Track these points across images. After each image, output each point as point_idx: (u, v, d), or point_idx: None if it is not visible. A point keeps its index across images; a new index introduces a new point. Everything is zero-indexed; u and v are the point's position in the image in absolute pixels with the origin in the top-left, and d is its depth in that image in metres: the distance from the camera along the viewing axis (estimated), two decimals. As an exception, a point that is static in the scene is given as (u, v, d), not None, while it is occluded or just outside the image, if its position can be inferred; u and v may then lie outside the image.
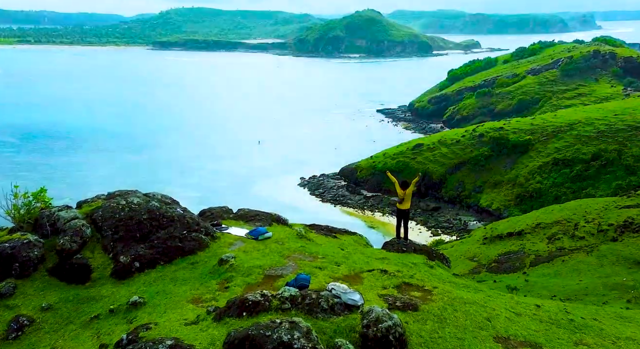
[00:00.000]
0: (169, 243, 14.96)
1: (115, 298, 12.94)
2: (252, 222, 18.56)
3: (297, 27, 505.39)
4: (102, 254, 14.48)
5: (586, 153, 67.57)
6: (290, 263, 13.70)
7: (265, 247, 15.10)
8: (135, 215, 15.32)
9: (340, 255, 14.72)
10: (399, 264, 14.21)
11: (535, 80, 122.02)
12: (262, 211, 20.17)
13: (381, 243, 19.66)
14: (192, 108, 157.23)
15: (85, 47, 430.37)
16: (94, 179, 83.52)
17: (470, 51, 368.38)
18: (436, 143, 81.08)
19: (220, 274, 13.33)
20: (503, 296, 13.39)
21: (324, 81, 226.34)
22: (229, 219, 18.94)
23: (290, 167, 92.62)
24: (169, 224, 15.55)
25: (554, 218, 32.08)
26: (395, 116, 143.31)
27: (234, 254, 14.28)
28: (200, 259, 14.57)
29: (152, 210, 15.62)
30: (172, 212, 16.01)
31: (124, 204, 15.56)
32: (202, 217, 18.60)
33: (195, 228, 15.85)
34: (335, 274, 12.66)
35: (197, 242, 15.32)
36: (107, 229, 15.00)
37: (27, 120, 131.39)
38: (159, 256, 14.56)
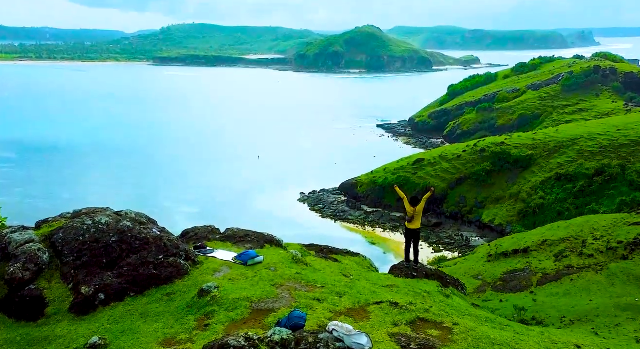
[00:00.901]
0: (142, 270, 12.96)
1: (72, 338, 10.93)
2: (242, 244, 16.53)
3: (297, 43, 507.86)
4: (61, 285, 12.42)
5: (589, 168, 66.73)
6: (284, 293, 11.91)
7: (254, 275, 13.20)
8: (102, 237, 13.27)
9: (342, 283, 12.87)
10: (410, 293, 12.82)
11: (536, 95, 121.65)
12: (253, 231, 17.99)
13: (385, 262, 18.62)
14: (191, 123, 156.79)
15: (85, 62, 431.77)
16: (90, 195, 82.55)
17: (470, 67, 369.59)
18: (437, 158, 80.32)
19: (200, 308, 11.43)
20: (533, 331, 12.05)
21: (324, 96, 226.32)
22: (215, 240, 16.81)
23: (290, 182, 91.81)
24: (142, 247, 13.54)
25: (561, 235, 31.18)
26: (395, 130, 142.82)
27: (217, 283, 12.37)
28: (178, 289, 12.64)
29: (123, 231, 13.60)
30: (147, 234, 13.98)
31: (90, 225, 13.48)
32: (184, 238, 16.85)
33: (174, 252, 13.82)
34: (336, 308, 11.14)
35: (175, 268, 13.30)
36: (69, 254, 12.87)
37: (24, 135, 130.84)
38: (128, 285, 12.55)
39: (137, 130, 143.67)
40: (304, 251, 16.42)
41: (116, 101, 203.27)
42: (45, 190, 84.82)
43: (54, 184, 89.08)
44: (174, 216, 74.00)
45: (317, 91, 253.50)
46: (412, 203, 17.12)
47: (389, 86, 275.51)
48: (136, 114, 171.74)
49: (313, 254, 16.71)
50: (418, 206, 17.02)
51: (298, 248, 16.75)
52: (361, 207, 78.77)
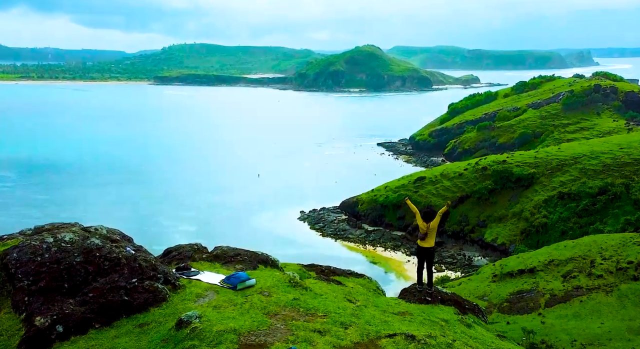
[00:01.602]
0: (111, 296, 11.07)
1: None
2: (232, 265, 14.63)
3: (297, 62, 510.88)
4: (11, 315, 10.67)
5: (592, 187, 65.94)
6: (279, 324, 10.21)
7: (244, 301, 11.53)
8: (64, 257, 11.29)
9: (347, 311, 11.23)
10: (426, 322, 11.38)
11: (537, 114, 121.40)
12: (244, 250, 15.87)
13: (386, 282, 17.55)
14: (191, 141, 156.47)
15: (87, 82, 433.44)
16: (88, 213, 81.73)
17: (470, 86, 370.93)
18: (438, 176, 79.63)
19: (177, 343, 9.77)
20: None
21: (325, 115, 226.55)
22: (201, 260, 14.91)
23: (290, 200, 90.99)
24: (112, 269, 11.72)
25: (568, 255, 30.33)
26: (396, 149, 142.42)
27: (200, 311, 10.64)
28: (154, 318, 10.84)
29: (90, 250, 11.72)
30: (119, 253, 12.12)
31: (51, 243, 11.56)
32: (166, 258, 15.11)
33: (150, 274, 11.95)
34: (341, 343, 9.65)
35: (151, 294, 11.45)
36: (23, 278, 11.03)
37: (23, 154, 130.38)
38: (93, 315, 10.65)
39: (136, 149, 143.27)
40: (302, 272, 14.85)
41: (115, 120, 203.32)
42: (42, 209, 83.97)
43: (52, 203, 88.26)
44: (172, 235, 73.10)
45: (317, 110, 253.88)
46: (426, 218, 15.26)
47: (389, 105, 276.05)
48: (135, 133, 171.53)
49: (313, 275, 15.15)
50: (432, 221, 15.19)
51: (296, 269, 15.12)
52: (362, 226, 77.88)
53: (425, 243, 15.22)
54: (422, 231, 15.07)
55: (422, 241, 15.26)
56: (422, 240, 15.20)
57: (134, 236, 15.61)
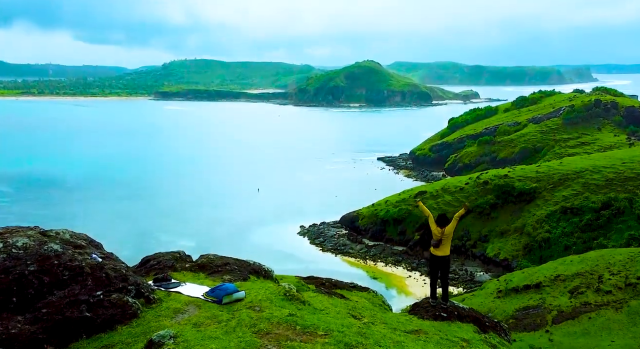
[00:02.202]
0: (69, 312, 9.30)
1: None
2: (219, 275, 12.86)
3: (298, 78, 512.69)
4: None
5: (595, 202, 65.30)
6: (271, 345, 8.64)
7: (231, 317, 9.84)
8: (15, 266, 9.61)
9: (353, 329, 9.75)
10: (444, 342, 10.08)
11: (537, 128, 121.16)
12: (234, 258, 14.09)
13: (387, 298, 16.64)
14: (190, 156, 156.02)
15: (87, 98, 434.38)
16: (87, 229, 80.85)
17: (469, 101, 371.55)
18: (439, 191, 79.02)
19: None
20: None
21: (325, 130, 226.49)
22: (184, 270, 13.11)
23: (289, 215, 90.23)
24: (73, 279, 9.94)
25: (574, 270, 29.63)
26: (396, 163, 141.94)
27: (176, 329, 8.94)
28: (121, 339, 9.09)
29: (48, 257, 10.04)
30: (83, 261, 10.32)
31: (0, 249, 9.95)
32: (143, 268, 13.27)
33: (119, 286, 10.20)
34: None
35: (120, 309, 9.70)
36: None
37: (21, 169, 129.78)
38: (46, 335, 8.88)
39: (135, 164, 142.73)
40: (301, 285, 13.45)
41: (115, 135, 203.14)
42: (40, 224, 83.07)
43: (49, 219, 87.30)
44: (171, 250, 72.20)
45: (317, 125, 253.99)
46: (440, 223, 13.78)
47: (389, 120, 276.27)
48: (135, 148, 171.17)
49: (312, 288, 13.50)
50: (447, 226, 13.67)
51: (294, 282, 13.59)
52: (362, 241, 77.07)
53: (439, 251, 13.75)
54: (435, 238, 13.68)
55: (435, 249, 13.77)
56: (435, 248, 13.73)
57: (132, 252, 14.24)
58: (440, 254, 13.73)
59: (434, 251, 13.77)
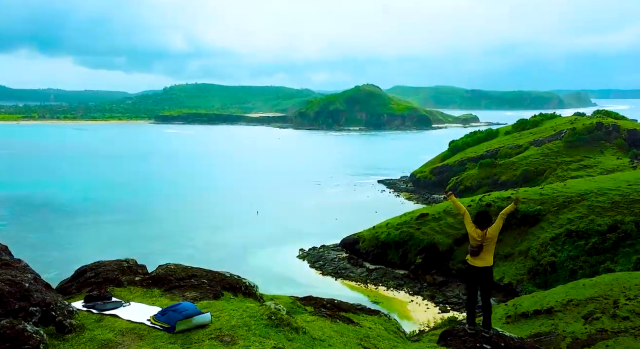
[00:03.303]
0: None
1: None
2: (180, 292, 9.64)
3: (298, 101, 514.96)
4: None
5: (601, 225, 63.83)
6: None
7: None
8: None
9: None
10: None
11: (539, 151, 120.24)
12: (204, 269, 11.04)
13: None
14: (189, 179, 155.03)
15: (88, 122, 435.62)
16: (82, 252, 79.41)
17: (469, 125, 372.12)
18: (442, 213, 77.57)
19: None
20: None
21: (325, 153, 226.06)
22: (132, 284, 9.96)
23: (289, 238, 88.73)
24: None
25: (587, 294, 28.19)
26: (397, 186, 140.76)
27: None
28: None
29: None
30: None
31: None
32: (74, 282, 10.16)
33: (15, 307, 7.00)
34: None
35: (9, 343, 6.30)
36: None
37: (18, 193, 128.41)
38: None
39: (133, 187, 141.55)
40: (295, 306, 10.55)
41: (112, 158, 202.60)
42: (34, 248, 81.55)
43: (45, 242, 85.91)
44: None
45: (317, 148, 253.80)
46: (480, 223, 10.85)
47: (389, 143, 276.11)
48: (133, 171, 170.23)
49: (310, 310, 10.41)
50: (490, 227, 10.79)
51: (287, 302, 10.60)
52: (363, 264, 75.44)
53: (479, 261, 10.67)
54: (473, 243, 10.71)
55: (474, 258, 10.74)
56: (474, 256, 10.71)
57: None
58: (480, 265, 10.74)
59: (472, 260, 10.85)
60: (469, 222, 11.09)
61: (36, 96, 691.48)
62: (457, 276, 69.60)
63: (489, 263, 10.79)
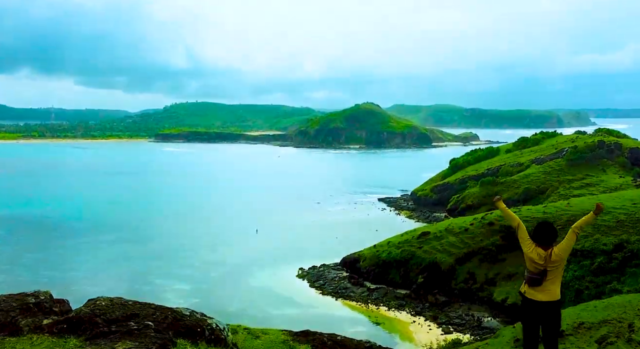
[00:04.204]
0: None
1: None
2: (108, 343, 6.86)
3: (298, 120, 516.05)
4: None
5: (607, 244, 62.62)
6: None
7: None
8: None
9: None
10: None
11: (541, 169, 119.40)
12: (153, 306, 8.02)
13: (393, 345, 13.49)
14: (188, 197, 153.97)
15: (87, 140, 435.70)
16: (78, 272, 78.22)
17: (469, 143, 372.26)
18: (443, 231, 76.42)
19: None
20: None
21: (325, 171, 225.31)
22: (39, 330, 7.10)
23: (288, 257, 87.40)
24: None
25: (600, 317, 26.93)
26: (397, 204, 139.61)
27: None
28: None
29: None
30: None
31: None
32: None
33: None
34: None
35: None
36: None
37: (14, 211, 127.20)
38: None
39: (130, 205, 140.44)
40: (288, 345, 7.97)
41: (111, 177, 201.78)
42: (30, 268, 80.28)
43: (41, 261, 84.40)
44: (165, 294, 69.28)
45: (317, 166, 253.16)
46: (542, 239, 8.14)
47: (389, 161, 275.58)
48: (131, 189, 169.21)
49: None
50: (557, 246, 8.12)
51: (279, 339, 8.02)
52: (364, 284, 74.01)
53: (541, 293, 8.06)
54: (533, 268, 8.03)
55: (533, 289, 8.12)
56: (533, 286, 8.09)
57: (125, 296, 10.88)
58: (543, 299, 8.07)
59: (530, 292, 8.15)
60: (526, 239, 8.38)
61: (37, 115, 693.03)
62: (460, 296, 68.28)
63: (555, 296, 8.17)
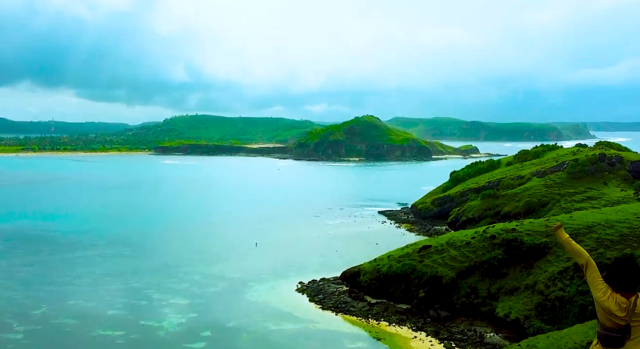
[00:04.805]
0: None
1: None
2: None
3: (298, 132, 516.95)
4: None
5: (610, 258, 61.70)
6: None
7: None
8: None
9: None
10: None
11: (542, 182, 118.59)
12: None
13: None
14: (187, 210, 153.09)
15: (87, 153, 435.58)
16: (75, 286, 77.12)
17: (469, 156, 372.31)
18: (445, 245, 75.50)
19: None
20: None
21: (325, 184, 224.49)
22: None
23: (288, 271, 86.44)
24: None
25: (608, 334, 26.36)
26: (397, 217, 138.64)
27: None
28: None
29: None
30: None
31: None
32: None
33: None
34: None
35: None
36: None
37: (11, 225, 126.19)
38: None
39: (128, 218, 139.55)
40: None
41: (109, 190, 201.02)
42: (25, 282, 79.20)
43: (37, 275, 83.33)
44: (162, 309, 68.29)
45: (317, 178, 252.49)
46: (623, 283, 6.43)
47: (389, 173, 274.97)
48: (128, 203, 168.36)
49: None
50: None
51: None
52: (364, 298, 72.98)
53: None
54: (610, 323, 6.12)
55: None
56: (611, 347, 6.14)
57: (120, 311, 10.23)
58: None
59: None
60: (599, 282, 6.49)
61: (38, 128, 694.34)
62: (462, 310, 67.28)
63: None
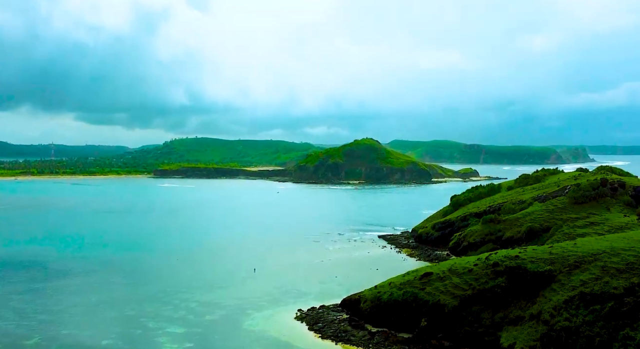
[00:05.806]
0: None
1: None
2: None
3: (297, 155, 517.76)
4: None
5: (617, 287, 60.22)
6: None
7: None
8: None
9: None
10: None
11: (543, 207, 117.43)
12: None
13: None
14: (184, 235, 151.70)
15: (86, 176, 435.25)
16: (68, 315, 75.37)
17: (469, 179, 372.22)
18: (447, 272, 74.01)
19: None
20: None
21: (324, 207, 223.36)
22: None
23: (287, 298, 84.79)
24: None
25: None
26: (398, 242, 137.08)
27: None
28: None
29: None
30: None
31: None
32: None
33: None
34: None
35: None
36: None
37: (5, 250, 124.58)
38: None
39: (125, 244, 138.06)
40: None
41: (105, 214, 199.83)
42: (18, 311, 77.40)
43: (29, 303, 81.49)
44: (157, 338, 66.54)
45: (317, 202, 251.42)
46: None
47: (389, 197, 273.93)
48: (123, 228, 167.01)
49: None
50: None
51: None
52: (365, 327, 71.31)
53: None
54: None
55: None
56: None
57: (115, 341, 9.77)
58: None
59: None
60: None
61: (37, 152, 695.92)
62: (464, 340, 65.56)
63: None
